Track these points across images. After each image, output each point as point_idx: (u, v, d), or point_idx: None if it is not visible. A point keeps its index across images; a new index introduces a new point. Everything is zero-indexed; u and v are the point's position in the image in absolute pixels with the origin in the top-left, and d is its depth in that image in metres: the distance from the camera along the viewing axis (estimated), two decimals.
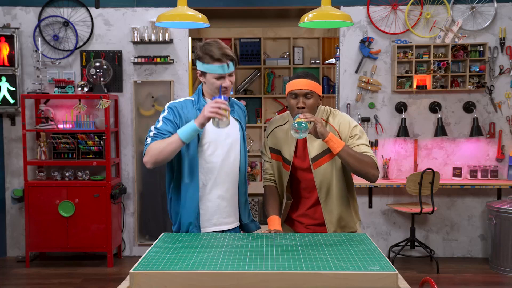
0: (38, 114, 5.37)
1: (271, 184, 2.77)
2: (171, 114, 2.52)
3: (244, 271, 1.91)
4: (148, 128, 2.60)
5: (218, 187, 2.57)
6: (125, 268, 5.14)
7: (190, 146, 2.52)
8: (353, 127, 2.57)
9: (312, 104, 2.54)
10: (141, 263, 2.00)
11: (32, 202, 5.21)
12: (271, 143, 2.73)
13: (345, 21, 3.44)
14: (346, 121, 2.59)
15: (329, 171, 2.60)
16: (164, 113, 2.54)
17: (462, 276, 4.99)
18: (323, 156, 2.58)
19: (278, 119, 2.76)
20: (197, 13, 3.48)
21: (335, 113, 2.65)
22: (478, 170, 5.42)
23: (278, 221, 2.61)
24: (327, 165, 2.59)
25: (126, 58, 5.53)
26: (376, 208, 5.57)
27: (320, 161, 2.58)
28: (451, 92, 5.48)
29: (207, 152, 2.55)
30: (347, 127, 2.57)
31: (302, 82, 2.53)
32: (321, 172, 2.59)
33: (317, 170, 2.59)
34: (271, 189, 2.76)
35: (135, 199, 5.60)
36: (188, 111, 2.54)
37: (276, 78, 7.04)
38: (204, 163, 2.55)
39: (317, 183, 2.60)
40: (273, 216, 2.63)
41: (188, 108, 2.55)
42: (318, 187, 2.61)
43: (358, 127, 2.59)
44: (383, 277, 1.89)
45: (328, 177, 2.60)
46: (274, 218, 2.62)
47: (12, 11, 5.49)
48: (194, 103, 2.57)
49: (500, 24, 5.42)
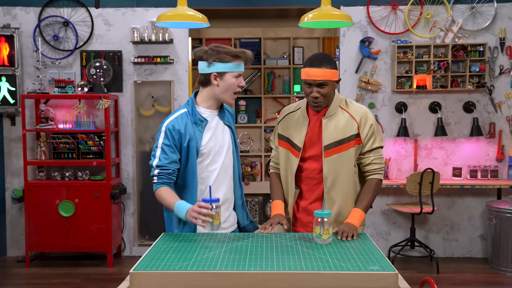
0: (38, 114, 5.37)
1: (276, 171, 2.80)
2: (169, 138, 2.52)
3: (244, 271, 1.91)
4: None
5: (215, 193, 2.59)
6: (125, 268, 5.14)
7: (189, 160, 2.54)
8: (370, 126, 2.60)
9: (327, 93, 2.55)
10: (141, 263, 2.00)
11: (32, 202, 5.21)
12: (281, 130, 2.73)
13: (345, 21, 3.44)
14: (366, 117, 2.61)
15: (339, 162, 2.60)
16: (161, 138, 2.54)
17: (462, 276, 4.99)
18: (336, 146, 2.59)
19: (290, 106, 2.78)
20: (197, 13, 3.48)
21: (351, 102, 2.67)
22: (478, 170, 5.42)
23: (281, 206, 2.66)
24: (338, 156, 2.59)
25: (126, 58, 5.53)
26: (376, 208, 5.57)
27: (332, 150, 2.59)
28: (451, 92, 5.48)
29: (205, 162, 2.58)
30: (367, 125, 2.60)
31: (316, 72, 2.52)
32: (331, 162, 2.59)
33: (328, 159, 2.59)
34: (276, 176, 2.79)
35: (135, 199, 5.60)
36: (186, 125, 2.54)
37: (276, 78, 7.04)
38: (202, 172, 2.58)
39: (325, 172, 2.60)
40: (277, 201, 2.68)
41: (184, 121, 2.55)
42: (325, 176, 2.60)
43: (374, 124, 2.62)
44: (383, 277, 1.89)
45: (337, 168, 2.60)
46: (277, 203, 2.67)
47: (12, 11, 5.49)
48: (188, 115, 2.57)
49: (500, 24, 5.42)
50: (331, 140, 2.59)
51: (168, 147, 2.51)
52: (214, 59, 2.51)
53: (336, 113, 2.61)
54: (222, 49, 2.52)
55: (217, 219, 2.28)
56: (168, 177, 2.52)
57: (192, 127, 2.54)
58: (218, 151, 2.60)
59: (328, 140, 2.59)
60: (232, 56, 2.51)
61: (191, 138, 2.52)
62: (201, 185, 2.59)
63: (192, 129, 2.54)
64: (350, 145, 2.59)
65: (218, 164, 2.60)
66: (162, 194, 2.50)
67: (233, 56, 2.51)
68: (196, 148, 2.53)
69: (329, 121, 2.61)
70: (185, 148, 2.53)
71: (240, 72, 2.55)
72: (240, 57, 2.53)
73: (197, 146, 2.53)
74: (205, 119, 2.57)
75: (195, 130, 2.54)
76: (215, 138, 2.60)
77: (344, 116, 2.61)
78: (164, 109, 5.50)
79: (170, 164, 2.51)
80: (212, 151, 2.58)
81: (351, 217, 2.56)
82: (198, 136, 2.54)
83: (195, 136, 2.53)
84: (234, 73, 2.53)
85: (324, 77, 2.51)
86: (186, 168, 2.56)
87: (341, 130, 2.59)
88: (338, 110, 2.62)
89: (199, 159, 2.56)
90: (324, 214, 2.27)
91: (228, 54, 2.51)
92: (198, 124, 2.56)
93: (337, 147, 2.59)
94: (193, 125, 2.55)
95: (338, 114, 2.62)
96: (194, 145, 2.53)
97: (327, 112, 2.62)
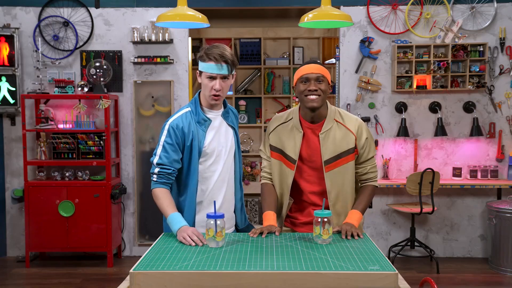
0: (38, 114, 5.37)
1: (268, 182, 2.73)
2: (172, 137, 2.52)
3: (244, 271, 1.91)
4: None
5: (215, 194, 2.59)
6: (125, 268, 5.14)
7: (192, 160, 2.54)
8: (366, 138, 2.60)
9: (324, 90, 2.53)
10: (141, 263, 2.00)
11: (32, 202, 5.21)
12: (273, 142, 2.67)
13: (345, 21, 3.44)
14: (361, 129, 2.60)
15: (341, 175, 2.58)
16: (164, 136, 2.54)
17: (462, 276, 4.99)
18: (336, 160, 2.56)
19: (281, 116, 2.71)
20: (197, 13, 3.48)
21: (344, 113, 2.64)
22: (478, 170, 5.41)
23: (273, 217, 2.59)
24: (340, 169, 2.57)
25: (126, 58, 5.53)
26: (376, 208, 5.57)
27: (332, 165, 2.56)
28: (451, 92, 5.48)
29: (207, 163, 2.58)
30: (363, 137, 2.60)
31: (314, 66, 2.54)
32: (333, 176, 2.57)
33: (329, 173, 2.57)
34: (268, 186, 2.72)
35: (135, 199, 5.60)
36: (189, 124, 2.54)
37: (276, 78, 7.04)
38: (203, 173, 2.58)
39: (328, 186, 2.57)
40: (269, 212, 2.61)
41: (188, 120, 2.54)
42: (328, 191, 2.58)
43: (369, 136, 2.62)
44: (383, 277, 1.89)
45: (340, 181, 2.58)
46: (269, 214, 2.60)
47: (12, 11, 5.49)
48: (192, 114, 2.57)
49: (500, 24, 5.42)
50: (331, 154, 2.56)
51: (170, 145, 2.51)
52: (199, 57, 2.55)
53: (332, 127, 2.58)
54: (208, 49, 2.51)
55: (220, 235, 2.23)
56: (167, 177, 2.52)
57: (196, 126, 2.54)
58: (221, 152, 2.59)
59: (328, 155, 2.56)
60: (207, 56, 2.49)
61: (194, 137, 2.52)
62: (202, 185, 2.59)
63: (196, 128, 2.53)
64: (349, 158, 2.59)
65: (220, 165, 2.59)
66: (159, 196, 2.50)
67: (207, 56, 2.48)
68: (199, 147, 2.53)
69: (326, 135, 2.57)
70: (188, 147, 2.53)
71: (212, 74, 2.48)
72: (211, 59, 2.47)
73: (199, 146, 2.53)
74: (208, 118, 2.57)
75: (198, 130, 2.54)
76: (218, 138, 2.59)
77: (341, 130, 2.58)
78: (164, 109, 5.50)
79: (170, 163, 2.51)
80: (215, 151, 2.57)
81: (350, 218, 2.56)
82: (201, 135, 2.54)
83: (198, 135, 2.53)
84: (206, 73, 2.50)
85: (321, 71, 2.52)
86: (189, 167, 2.56)
87: (339, 144, 2.56)
88: (334, 124, 2.59)
89: (202, 159, 2.56)
90: (324, 214, 2.27)
91: (206, 54, 2.49)
92: (202, 123, 2.55)
93: (337, 161, 2.56)
94: (197, 124, 2.54)
95: (334, 128, 2.58)
96: (197, 145, 2.52)
97: (324, 126, 2.57)
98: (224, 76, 2.50)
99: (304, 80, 2.53)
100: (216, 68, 2.47)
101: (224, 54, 2.48)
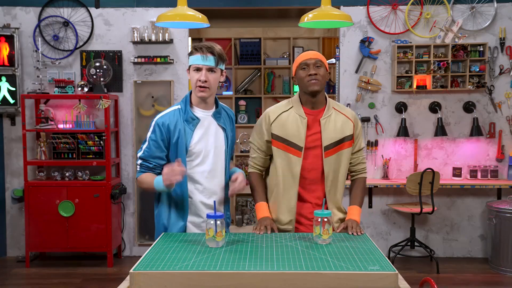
0: (38, 114, 5.37)
1: (256, 171, 2.76)
2: (157, 133, 2.54)
3: (244, 271, 1.91)
4: (148, 128, 2.61)
5: (205, 195, 2.59)
6: (125, 268, 5.14)
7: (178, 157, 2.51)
8: (360, 127, 2.75)
9: (323, 75, 2.61)
10: (141, 263, 2.00)
11: (32, 202, 5.21)
12: (276, 131, 2.65)
13: (345, 21, 3.44)
14: (356, 118, 2.74)
15: (338, 161, 2.65)
16: (149, 132, 2.58)
17: (462, 276, 4.99)
18: (335, 146, 2.62)
19: (280, 105, 2.72)
20: (197, 13, 3.48)
21: (339, 104, 2.75)
22: (478, 170, 5.41)
23: (266, 207, 2.67)
24: (337, 155, 2.64)
25: (126, 58, 5.53)
26: (376, 208, 5.57)
27: (332, 151, 2.62)
28: (451, 92, 5.48)
29: (194, 162, 2.57)
30: (359, 126, 2.73)
31: (311, 52, 2.64)
32: (331, 161, 2.62)
33: (328, 159, 2.62)
34: (257, 175, 2.76)
35: (135, 199, 5.60)
36: (176, 121, 2.54)
37: (276, 78, 7.04)
38: (192, 173, 2.57)
39: (325, 172, 2.62)
40: (261, 203, 2.68)
41: (176, 117, 2.55)
42: (326, 176, 2.62)
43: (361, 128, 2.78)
44: (383, 277, 1.89)
45: (336, 167, 2.64)
46: (261, 205, 2.68)
47: (12, 11, 5.49)
48: (181, 112, 2.57)
49: (500, 24, 5.42)
50: (331, 140, 2.61)
51: (153, 142, 2.54)
52: (188, 54, 2.58)
53: (332, 114, 2.65)
54: (197, 44, 2.54)
55: (220, 235, 2.24)
56: (149, 170, 2.56)
57: (183, 124, 2.53)
58: (209, 153, 2.57)
59: (328, 141, 2.61)
60: (194, 49, 2.51)
61: (180, 135, 2.51)
62: (191, 185, 2.58)
63: (183, 126, 2.53)
64: (347, 144, 2.66)
65: (207, 166, 2.57)
66: (142, 178, 2.55)
67: (194, 49, 2.51)
68: (186, 145, 2.52)
69: (327, 121, 2.62)
70: (173, 144, 2.53)
71: (198, 65, 2.49)
72: (198, 51, 2.49)
73: (186, 144, 2.52)
74: (197, 117, 2.56)
75: (185, 128, 2.53)
76: (206, 139, 2.57)
77: (340, 117, 2.66)
78: (164, 109, 5.48)
79: (152, 159, 2.54)
80: (202, 152, 2.56)
81: (352, 214, 2.63)
82: (188, 134, 2.53)
83: (185, 133, 2.52)
84: (193, 65, 2.52)
85: (318, 57, 2.61)
86: None
87: (339, 130, 2.63)
88: (333, 111, 2.66)
89: (188, 159, 2.55)
90: (324, 214, 2.27)
91: (194, 48, 2.52)
92: (189, 122, 2.54)
93: (336, 147, 2.62)
94: (184, 122, 2.54)
95: (334, 115, 2.66)
96: (183, 142, 2.52)
97: (325, 112, 2.64)
98: (210, 68, 2.50)
99: (303, 65, 2.60)
100: (201, 59, 2.49)
101: (211, 47, 2.51)
